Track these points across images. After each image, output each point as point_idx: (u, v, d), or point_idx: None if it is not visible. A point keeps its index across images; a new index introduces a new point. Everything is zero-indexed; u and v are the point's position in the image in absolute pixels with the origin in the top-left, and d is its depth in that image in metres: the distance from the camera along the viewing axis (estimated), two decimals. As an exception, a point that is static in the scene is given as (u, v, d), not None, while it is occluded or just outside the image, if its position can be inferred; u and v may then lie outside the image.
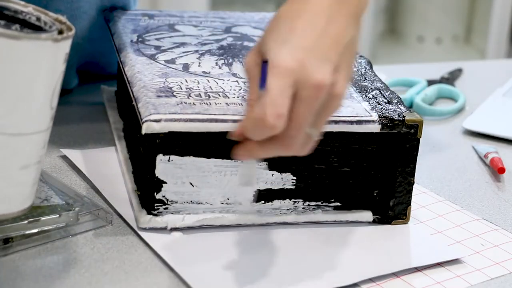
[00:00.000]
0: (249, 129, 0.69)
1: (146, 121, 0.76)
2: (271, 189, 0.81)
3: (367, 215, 0.83)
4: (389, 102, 0.84)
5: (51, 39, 0.66)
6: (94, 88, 1.09)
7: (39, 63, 0.66)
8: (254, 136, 0.69)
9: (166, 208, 0.79)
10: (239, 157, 0.72)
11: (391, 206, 0.83)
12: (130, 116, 0.90)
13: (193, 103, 0.80)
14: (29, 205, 0.71)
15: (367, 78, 0.90)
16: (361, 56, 0.96)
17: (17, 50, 0.65)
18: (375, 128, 0.80)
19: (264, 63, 0.70)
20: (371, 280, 0.75)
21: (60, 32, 0.70)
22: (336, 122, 0.79)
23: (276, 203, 0.81)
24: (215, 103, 0.80)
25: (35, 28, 0.71)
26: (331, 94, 0.69)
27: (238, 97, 0.82)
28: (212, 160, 0.78)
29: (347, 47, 0.71)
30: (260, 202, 0.81)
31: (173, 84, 0.83)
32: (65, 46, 0.68)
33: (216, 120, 0.77)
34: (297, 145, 0.70)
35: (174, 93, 0.81)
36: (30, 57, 0.66)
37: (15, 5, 0.72)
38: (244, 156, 0.71)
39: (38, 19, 0.71)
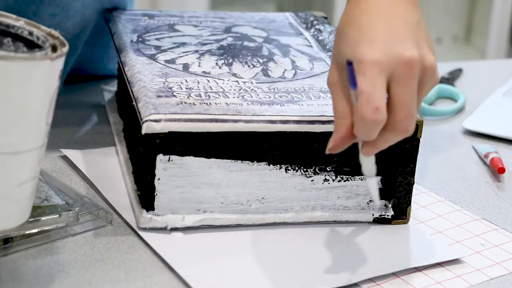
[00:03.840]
0: (358, 132, 0.71)
1: (146, 121, 0.76)
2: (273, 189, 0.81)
3: (367, 215, 0.83)
4: (389, 102, 0.84)
5: (46, 58, 0.64)
6: (94, 88, 1.09)
7: (34, 82, 0.64)
8: (366, 137, 0.71)
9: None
10: (367, 155, 0.73)
11: (391, 206, 0.83)
12: (130, 116, 0.90)
13: (193, 103, 0.80)
14: (26, 219, 0.70)
15: (367, 78, 0.90)
16: (361, 56, 0.96)
17: (12, 71, 0.62)
18: (375, 128, 0.80)
19: (349, 64, 0.71)
20: (371, 280, 0.75)
21: (54, 47, 0.68)
22: (336, 122, 0.79)
23: (277, 203, 0.81)
24: (215, 103, 0.80)
25: (27, 42, 0.69)
26: (424, 68, 0.71)
27: (238, 97, 0.82)
28: (212, 160, 0.78)
29: (418, 26, 0.74)
30: (262, 202, 0.81)
31: (173, 84, 0.83)
32: (60, 63, 0.66)
33: (216, 120, 0.77)
34: (411, 126, 0.71)
35: (174, 93, 0.81)
36: (25, 77, 0.63)
37: (6, 19, 0.70)
38: (371, 152, 0.73)
39: (31, 33, 0.70)
